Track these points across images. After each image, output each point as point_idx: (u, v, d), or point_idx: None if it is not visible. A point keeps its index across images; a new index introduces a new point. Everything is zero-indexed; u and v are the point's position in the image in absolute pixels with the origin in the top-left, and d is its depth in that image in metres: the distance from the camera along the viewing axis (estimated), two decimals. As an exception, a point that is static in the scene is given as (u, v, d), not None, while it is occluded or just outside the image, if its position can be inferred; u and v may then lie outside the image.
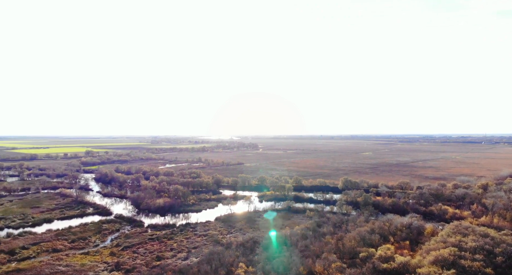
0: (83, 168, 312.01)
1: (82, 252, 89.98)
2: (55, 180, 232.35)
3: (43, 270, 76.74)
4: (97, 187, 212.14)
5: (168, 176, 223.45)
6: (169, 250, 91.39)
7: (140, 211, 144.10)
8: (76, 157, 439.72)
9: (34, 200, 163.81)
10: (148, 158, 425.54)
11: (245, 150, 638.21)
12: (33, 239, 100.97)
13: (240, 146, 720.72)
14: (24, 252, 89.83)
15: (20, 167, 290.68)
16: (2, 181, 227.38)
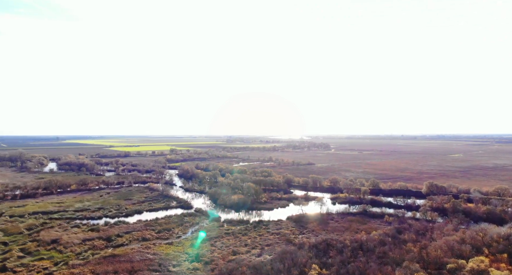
0: (168, 164, 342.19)
1: (166, 242, 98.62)
2: (145, 175, 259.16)
3: (134, 257, 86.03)
4: (180, 182, 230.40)
5: (242, 174, 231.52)
6: (244, 245, 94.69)
7: (217, 206, 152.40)
8: (162, 154, 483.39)
9: (127, 192, 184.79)
10: (224, 156, 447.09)
11: (316, 150, 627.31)
12: (126, 228, 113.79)
13: (311, 146, 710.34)
14: (119, 240, 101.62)
15: (116, 163, 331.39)
16: (101, 175, 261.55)
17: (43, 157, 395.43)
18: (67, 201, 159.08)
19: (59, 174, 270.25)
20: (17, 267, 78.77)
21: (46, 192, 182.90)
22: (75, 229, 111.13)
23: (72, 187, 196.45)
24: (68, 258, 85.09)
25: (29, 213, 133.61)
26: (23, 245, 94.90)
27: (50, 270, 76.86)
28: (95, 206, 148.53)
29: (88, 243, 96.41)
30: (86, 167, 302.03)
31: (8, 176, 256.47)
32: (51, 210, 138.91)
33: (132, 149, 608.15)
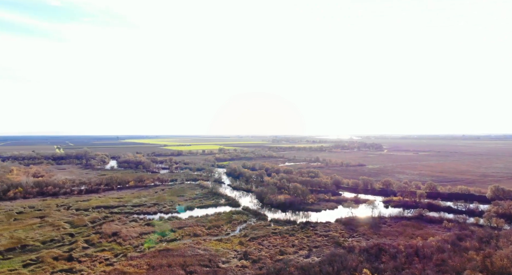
0: (217, 163, 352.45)
1: (216, 239, 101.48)
2: (196, 173, 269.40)
3: (186, 251, 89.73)
4: (228, 180, 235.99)
5: (288, 174, 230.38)
6: (291, 246, 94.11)
7: (263, 205, 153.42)
8: (211, 153, 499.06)
9: (180, 189, 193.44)
10: (270, 156, 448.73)
11: (366, 150, 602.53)
12: (179, 224, 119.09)
13: (361, 146, 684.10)
14: (172, 235, 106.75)
15: (169, 161, 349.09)
16: (156, 173, 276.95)
17: (105, 155, 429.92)
18: (126, 197, 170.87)
19: (119, 171, 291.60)
20: (82, 257, 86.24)
21: (107, 187, 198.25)
22: (133, 223, 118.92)
23: (130, 183, 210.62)
24: (127, 250, 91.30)
25: (92, 207, 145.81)
26: (87, 236, 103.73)
27: (111, 261, 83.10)
28: (151, 201, 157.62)
29: (144, 237, 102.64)
30: (143, 165, 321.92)
31: (74, 172, 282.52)
32: (112, 205, 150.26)
33: (184, 148, 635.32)
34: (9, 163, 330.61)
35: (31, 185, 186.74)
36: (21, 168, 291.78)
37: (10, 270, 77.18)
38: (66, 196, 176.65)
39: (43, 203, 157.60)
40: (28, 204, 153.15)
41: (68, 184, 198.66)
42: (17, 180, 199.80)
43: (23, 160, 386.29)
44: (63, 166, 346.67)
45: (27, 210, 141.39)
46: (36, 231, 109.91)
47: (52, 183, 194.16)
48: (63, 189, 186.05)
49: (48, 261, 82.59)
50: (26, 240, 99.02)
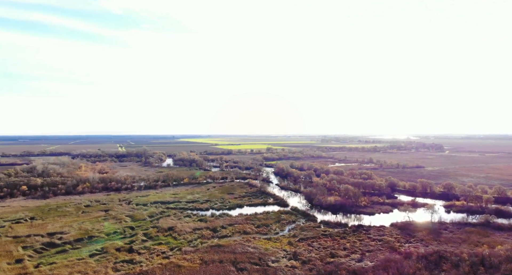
0: (265, 162, 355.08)
1: (265, 238, 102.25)
2: (244, 171, 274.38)
3: (237, 248, 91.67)
4: (276, 180, 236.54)
5: (338, 175, 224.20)
6: (342, 249, 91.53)
7: (312, 206, 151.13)
8: (259, 153, 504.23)
9: (230, 187, 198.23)
10: (319, 156, 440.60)
11: (425, 151, 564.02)
12: (229, 221, 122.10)
13: (419, 147, 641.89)
14: (223, 231, 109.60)
15: (220, 160, 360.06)
16: (208, 171, 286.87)
17: (162, 153, 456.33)
18: (181, 193, 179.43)
19: (174, 168, 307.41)
20: (141, 249, 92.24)
21: (164, 184, 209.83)
22: (187, 219, 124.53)
23: (185, 180, 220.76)
24: (181, 244, 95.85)
25: (150, 202, 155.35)
26: (146, 230, 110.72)
27: (167, 254, 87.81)
28: (203, 198, 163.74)
29: (197, 232, 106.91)
30: (196, 163, 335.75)
31: (135, 169, 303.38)
32: (168, 201, 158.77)
33: (233, 147, 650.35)
34: (78, 160, 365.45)
35: (97, 181, 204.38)
36: (89, 165, 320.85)
37: (78, 259, 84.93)
38: (127, 191, 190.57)
39: (107, 197, 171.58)
40: (94, 198, 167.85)
41: (129, 180, 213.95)
42: (85, 176, 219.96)
43: (90, 157, 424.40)
44: (125, 163, 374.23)
45: (94, 204, 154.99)
46: (101, 223, 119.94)
47: (115, 179, 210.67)
48: (124, 185, 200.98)
49: (112, 252, 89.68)
50: (93, 232, 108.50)
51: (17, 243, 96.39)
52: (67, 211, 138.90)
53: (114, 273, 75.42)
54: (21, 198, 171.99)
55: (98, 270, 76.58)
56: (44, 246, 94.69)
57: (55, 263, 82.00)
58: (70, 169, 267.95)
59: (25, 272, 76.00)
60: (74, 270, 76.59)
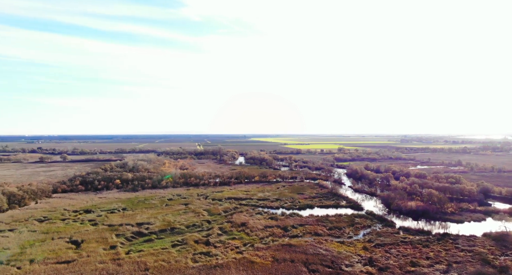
0: (336, 163, 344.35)
1: (338, 241, 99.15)
2: (314, 172, 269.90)
3: (308, 249, 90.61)
4: (348, 182, 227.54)
5: (420, 178, 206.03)
6: (425, 258, 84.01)
7: (390, 211, 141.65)
8: (330, 153, 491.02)
9: (299, 187, 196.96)
10: (398, 157, 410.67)
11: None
12: (300, 221, 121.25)
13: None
14: (294, 231, 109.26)
15: (289, 160, 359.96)
16: (278, 170, 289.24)
17: (235, 152, 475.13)
18: (252, 190, 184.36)
19: (246, 166, 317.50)
20: (217, 242, 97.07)
21: (236, 181, 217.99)
22: (258, 216, 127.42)
23: (255, 178, 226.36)
24: (254, 241, 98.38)
25: (225, 198, 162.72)
26: (221, 224, 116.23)
27: (240, 249, 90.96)
28: (274, 197, 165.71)
29: (269, 230, 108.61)
30: (266, 162, 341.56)
31: (211, 166, 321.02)
32: (240, 197, 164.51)
33: (303, 147, 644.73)
34: (163, 157, 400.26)
35: (178, 176, 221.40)
36: (172, 162, 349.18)
37: (162, 248, 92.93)
38: (204, 187, 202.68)
39: (187, 192, 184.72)
40: (176, 193, 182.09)
41: (206, 176, 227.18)
42: (168, 172, 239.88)
43: (173, 155, 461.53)
44: (202, 160, 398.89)
45: (175, 198, 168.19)
46: (182, 216, 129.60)
47: (194, 175, 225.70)
48: (202, 181, 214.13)
49: (191, 244, 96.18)
50: (174, 224, 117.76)
51: (111, 231, 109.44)
52: (153, 204, 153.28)
53: (193, 264, 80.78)
54: (115, 190, 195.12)
55: (179, 260, 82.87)
56: (133, 235, 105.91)
57: (143, 250, 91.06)
58: (156, 165, 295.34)
59: (118, 257, 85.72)
60: (158, 258, 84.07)
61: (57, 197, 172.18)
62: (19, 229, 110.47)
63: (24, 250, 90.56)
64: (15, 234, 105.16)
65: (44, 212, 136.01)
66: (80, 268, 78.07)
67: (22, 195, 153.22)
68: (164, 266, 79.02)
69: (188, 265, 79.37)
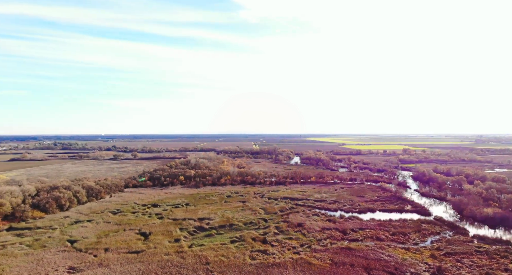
0: (400, 165, 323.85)
1: (402, 247, 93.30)
2: (376, 174, 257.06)
3: (369, 254, 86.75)
4: (414, 185, 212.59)
5: (499, 182, 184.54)
6: (503, 270, 75.28)
7: (462, 218, 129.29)
8: (393, 154, 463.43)
9: (359, 190, 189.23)
10: (472, 159, 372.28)
11: None
12: (360, 225, 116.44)
13: None
14: (354, 234, 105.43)
15: (348, 160, 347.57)
16: (335, 171, 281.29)
17: (290, 151, 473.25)
18: (308, 191, 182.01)
19: (301, 166, 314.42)
20: (274, 241, 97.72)
21: (292, 181, 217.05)
22: (315, 217, 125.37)
23: (312, 179, 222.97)
24: (311, 242, 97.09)
25: (280, 198, 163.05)
26: (277, 223, 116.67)
27: (297, 250, 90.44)
28: (331, 198, 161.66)
29: (326, 232, 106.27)
30: (323, 162, 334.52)
31: (266, 165, 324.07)
32: (296, 197, 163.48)
33: (363, 148, 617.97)
34: (221, 156, 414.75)
35: (236, 174, 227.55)
36: (230, 160, 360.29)
37: (222, 244, 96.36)
38: (260, 185, 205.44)
39: (244, 190, 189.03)
40: (234, 190, 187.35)
41: (262, 175, 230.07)
42: (227, 170, 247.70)
43: (231, 153, 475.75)
44: (258, 159, 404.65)
45: (233, 195, 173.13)
46: (240, 213, 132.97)
47: (250, 174, 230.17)
48: (258, 179, 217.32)
49: (248, 241, 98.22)
50: (233, 220, 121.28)
51: (176, 225, 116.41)
52: (213, 200, 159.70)
53: (251, 261, 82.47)
54: (179, 186, 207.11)
55: (237, 256, 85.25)
56: (195, 229, 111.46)
57: (204, 245, 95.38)
58: (215, 163, 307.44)
59: (181, 250, 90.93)
60: (218, 253, 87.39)
61: (128, 191, 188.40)
62: (96, 220, 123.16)
63: (100, 239, 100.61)
64: (92, 225, 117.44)
65: (117, 205, 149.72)
66: (148, 258, 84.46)
67: (99, 189, 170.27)
68: (224, 261, 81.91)
69: (246, 262, 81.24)
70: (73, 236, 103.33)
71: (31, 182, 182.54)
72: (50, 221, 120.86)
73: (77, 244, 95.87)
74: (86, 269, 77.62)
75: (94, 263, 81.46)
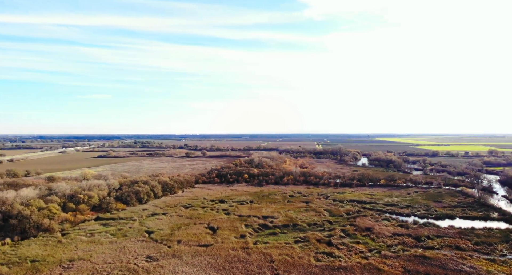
0: (485, 168, 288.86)
1: (487, 258, 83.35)
2: (456, 177, 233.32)
3: (447, 264, 79.13)
4: (502, 190, 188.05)
5: None
6: None
7: None
8: (477, 156, 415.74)
9: (436, 194, 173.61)
10: None
11: None
12: (436, 232, 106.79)
13: None
14: (429, 242, 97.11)
15: (423, 162, 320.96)
16: (408, 173, 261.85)
17: (357, 152, 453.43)
18: (377, 194, 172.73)
19: (369, 168, 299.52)
20: (340, 244, 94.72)
21: (359, 183, 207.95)
22: (385, 222, 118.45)
23: (381, 181, 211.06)
24: (380, 248, 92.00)
25: (346, 200, 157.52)
26: (343, 227, 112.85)
27: (365, 255, 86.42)
28: (403, 203, 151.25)
29: (397, 238, 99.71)
30: (394, 164, 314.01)
31: (330, 166, 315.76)
32: (364, 200, 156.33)
33: (441, 149, 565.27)
34: (284, 155, 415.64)
35: (298, 174, 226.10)
36: (292, 160, 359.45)
37: (286, 243, 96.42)
38: (324, 186, 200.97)
39: (307, 190, 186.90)
40: (297, 190, 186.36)
41: (326, 176, 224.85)
42: (289, 170, 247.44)
43: (293, 153, 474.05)
44: (321, 160, 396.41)
45: (296, 195, 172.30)
46: (303, 213, 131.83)
47: (313, 174, 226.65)
48: (322, 180, 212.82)
49: (313, 242, 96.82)
50: (296, 220, 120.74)
51: (241, 221, 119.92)
52: (275, 199, 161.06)
53: (315, 262, 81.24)
54: (244, 184, 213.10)
55: (301, 256, 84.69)
56: (259, 227, 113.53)
57: (268, 243, 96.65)
58: (277, 163, 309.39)
59: (247, 246, 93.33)
60: (283, 252, 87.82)
61: (198, 187, 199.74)
62: (170, 213, 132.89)
63: (173, 231, 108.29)
64: (166, 217, 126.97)
65: (189, 200, 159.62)
66: (216, 252, 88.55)
67: (173, 185, 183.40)
68: (288, 260, 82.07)
69: (311, 263, 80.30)
70: (150, 227, 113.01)
71: (115, 177, 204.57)
72: (130, 213, 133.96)
73: (154, 235, 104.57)
74: (161, 258, 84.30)
75: (168, 253, 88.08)
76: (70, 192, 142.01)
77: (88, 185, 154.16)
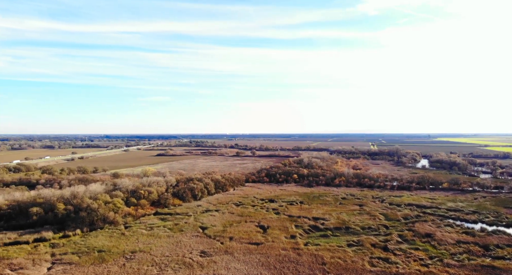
0: None
1: None
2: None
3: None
4: None
5: None
6: None
7: None
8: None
9: (508, 200, 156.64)
10: None
11: None
12: (508, 240, 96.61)
13: None
14: (498, 251, 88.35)
15: (492, 165, 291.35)
16: (475, 177, 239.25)
17: (416, 153, 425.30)
18: (439, 198, 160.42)
19: (430, 170, 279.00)
20: (396, 250, 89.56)
21: (418, 186, 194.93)
22: (448, 228, 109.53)
23: (444, 185, 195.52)
24: (443, 255, 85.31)
25: (404, 204, 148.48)
26: (401, 232, 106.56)
27: (425, 262, 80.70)
28: (469, 208, 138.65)
29: (462, 246, 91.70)
30: (458, 166, 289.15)
31: (387, 168, 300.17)
32: (424, 205, 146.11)
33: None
34: (335, 156, 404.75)
35: (351, 176, 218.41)
36: (344, 161, 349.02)
37: (338, 246, 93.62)
38: (379, 189, 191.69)
39: (360, 193, 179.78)
40: (349, 192, 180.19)
41: (382, 178, 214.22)
42: (341, 171, 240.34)
43: (345, 154, 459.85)
44: (377, 161, 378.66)
45: (349, 197, 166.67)
46: (356, 217, 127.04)
47: (368, 176, 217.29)
48: (377, 183, 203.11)
49: (367, 246, 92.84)
50: (349, 223, 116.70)
51: (291, 222, 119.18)
52: (327, 200, 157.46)
53: (370, 267, 77.82)
54: (293, 184, 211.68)
55: (355, 261, 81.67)
56: (310, 228, 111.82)
57: (319, 245, 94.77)
58: (328, 163, 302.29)
59: (297, 247, 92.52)
60: (335, 255, 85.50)
61: (248, 186, 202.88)
62: (222, 210, 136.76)
63: (225, 228, 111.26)
64: (219, 214, 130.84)
65: (239, 198, 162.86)
66: (266, 251, 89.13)
67: (224, 183, 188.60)
68: (341, 264, 79.73)
69: (365, 268, 77.14)
70: (204, 223, 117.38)
71: (172, 174, 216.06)
72: (186, 209, 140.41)
73: (207, 231, 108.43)
74: (214, 254, 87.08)
75: (221, 249, 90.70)
76: (132, 188, 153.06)
77: (148, 182, 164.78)
